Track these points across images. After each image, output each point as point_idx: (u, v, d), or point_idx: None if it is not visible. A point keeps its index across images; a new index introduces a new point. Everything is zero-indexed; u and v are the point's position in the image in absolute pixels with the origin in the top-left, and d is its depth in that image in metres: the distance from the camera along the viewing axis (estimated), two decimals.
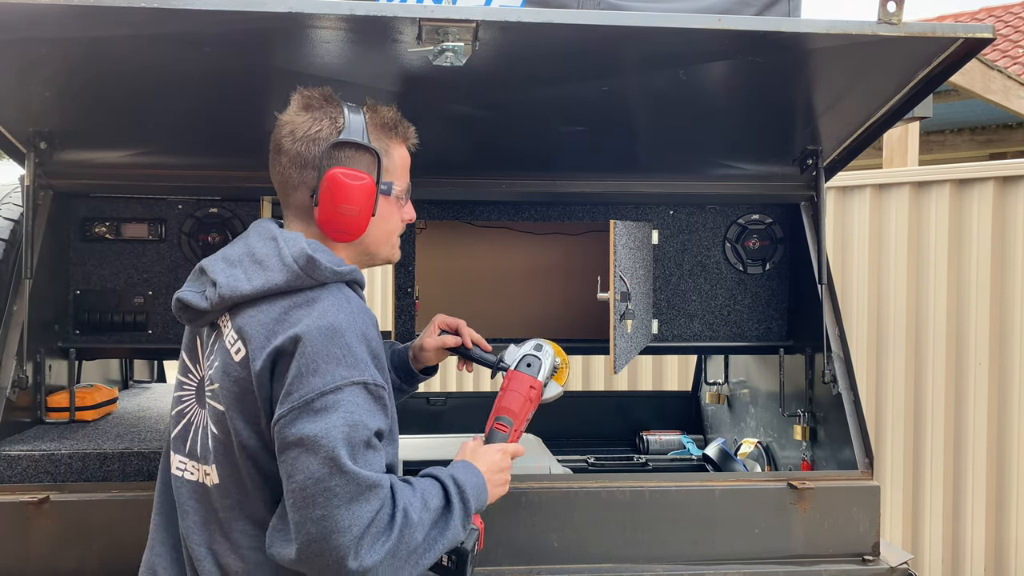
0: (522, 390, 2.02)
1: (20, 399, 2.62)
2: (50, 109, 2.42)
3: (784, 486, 2.47)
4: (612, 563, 2.40)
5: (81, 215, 2.90)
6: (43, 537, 2.30)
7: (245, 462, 1.64)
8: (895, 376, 4.75)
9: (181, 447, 1.76)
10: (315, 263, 1.65)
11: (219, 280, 1.66)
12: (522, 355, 2.08)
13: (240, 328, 1.64)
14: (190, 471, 1.73)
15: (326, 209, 1.72)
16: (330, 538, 1.51)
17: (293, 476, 1.54)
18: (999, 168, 4.51)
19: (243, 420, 1.63)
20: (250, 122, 2.59)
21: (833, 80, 2.41)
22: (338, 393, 1.56)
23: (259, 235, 1.73)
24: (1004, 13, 11.19)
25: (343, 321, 1.61)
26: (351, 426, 1.55)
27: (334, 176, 1.71)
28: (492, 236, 3.23)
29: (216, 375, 1.67)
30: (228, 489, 1.67)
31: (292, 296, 1.64)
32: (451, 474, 1.74)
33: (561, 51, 2.13)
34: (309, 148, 1.73)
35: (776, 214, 3.12)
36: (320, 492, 1.52)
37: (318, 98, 1.77)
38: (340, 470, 1.52)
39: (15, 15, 1.84)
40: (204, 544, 1.68)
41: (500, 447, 1.90)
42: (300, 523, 1.53)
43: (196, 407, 1.75)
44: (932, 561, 4.64)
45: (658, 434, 3.71)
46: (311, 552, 1.53)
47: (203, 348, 1.76)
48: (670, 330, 3.12)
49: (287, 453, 1.55)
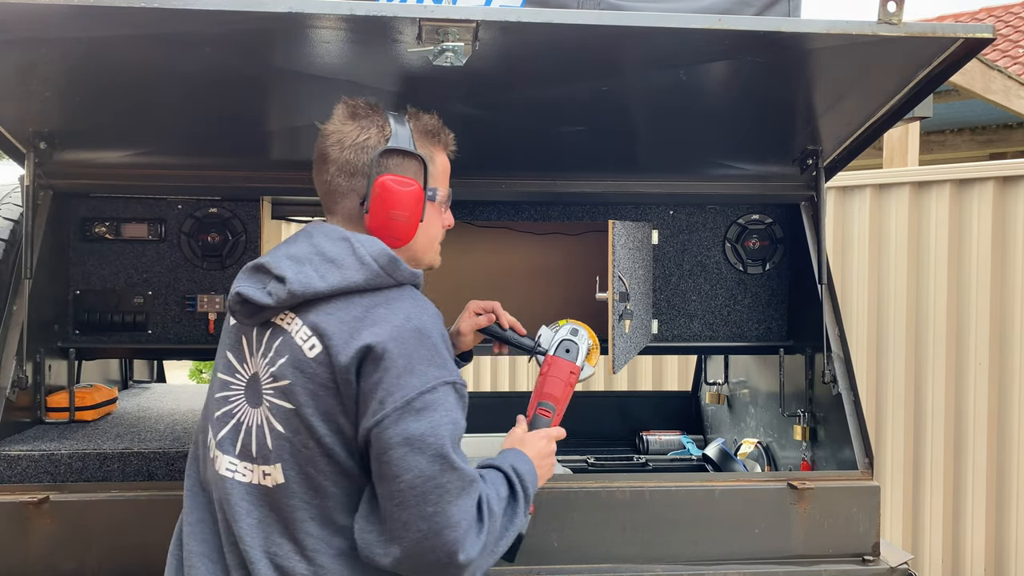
0: (562, 376, 2.07)
1: (20, 399, 2.62)
2: (50, 109, 2.42)
3: (784, 486, 2.47)
4: (612, 563, 2.40)
5: (81, 215, 2.90)
6: (43, 537, 2.30)
7: (319, 460, 1.63)
8: (895, 376, 4.75)
9: (231, 448, 1.71)
10: (397, 263, 1.69)
11: (288, 276, 1.65)
12: (559, 340, 2.12)
13: (316, 325, 1.63)
14: (242, 472, 1.69)
15: (377, 215, 1.75)
16: (442, 533, 1.54)
17: (400, 476, 1.55)
18: (999, 168, 4.52)
19: (320, 417, 1.62)
20: (250, 122, 2.60)
21: (833, 80, 2.41)
22: (434, 393, 1.60)
23: (326, 235, 1.72)
24: (1004, 13, 11.19)
25: (428, 323, 1.66)
26: (452, 424, 1.60)
27: (385, 183, 1.74)
28: (492, 236, 3.23)
29: (283, 372, 1.65)
30: (294, 489, 1.64)
31: (370, 295, 1.66)
32: (511, 464, 1.77)
33: (561, 51, 2.13)
34: (358, 156, 1.75)
35: (776, 214, 3.12)
36: (432, 489, 1.55)
37: (364, 107, 1.80)
38: (451, 466, 1.56)
39: (15, 15, 1.84)
40: (260, 547, 1.64)
41: (545, 433, 1.96)
42: (408, 521, 1.55)
43: (247, 406, 1.72)
44: (932, 561, 4.64)
45: (658, 434, 3.71)
46: (421, 549, 1.55)
47: (253, 346, 1.73)
48: (670, 330, 3.12)
49: (391, 453, 1.56)
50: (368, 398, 1.60)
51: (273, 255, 1.73)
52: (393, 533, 1.57)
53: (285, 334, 1.67)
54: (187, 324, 2.95)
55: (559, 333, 2.13)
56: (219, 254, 2.96)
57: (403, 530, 1.56)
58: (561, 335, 2.13)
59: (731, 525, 2.44)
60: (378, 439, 1.58)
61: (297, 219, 3.31)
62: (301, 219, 3.37)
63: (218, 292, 2.95)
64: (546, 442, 1.94)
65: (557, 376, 2.07)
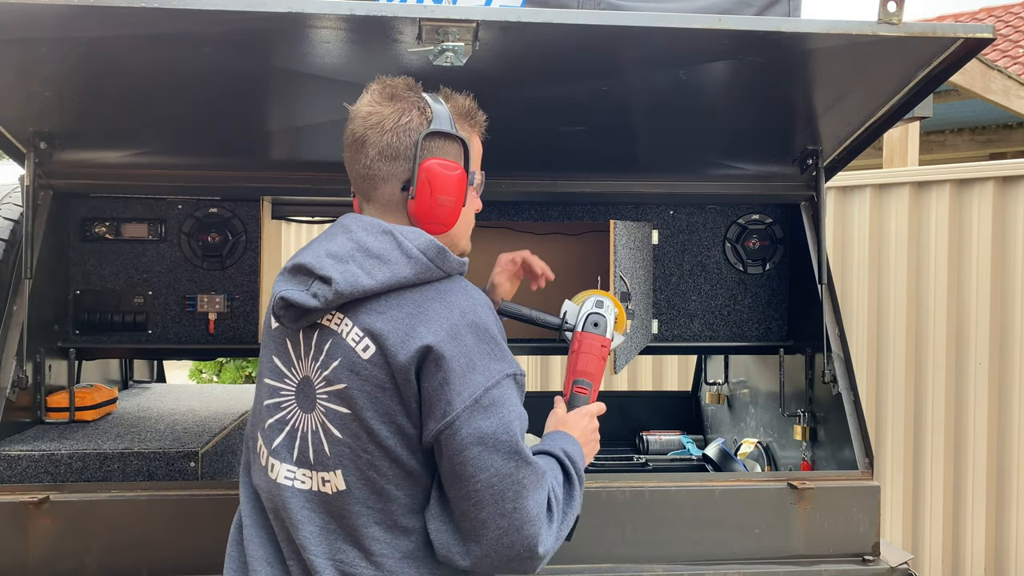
0: (594, 351, 2.05)
1: (20, 399, 2.62)
2: (50, 109, 2.42)
3: (784, 486, 2.47)
4: (612, 563, 2.40)
5: (81, 215, 2.90)
6: (43, 537, 2.30)
7: (381, 464, 1.59)
8: (895, 376, 4.75)
9: (288, 456, 1.66)
10: (446, 254, 1.63)
11: (334, 277, 1.58)
12: (586, 315, 2.09)
13: (368, 326, 1.58)
14: (301, 480, 1.64)
15: (424, 201, 1.67)
16: (522, 529, 1.54)
17: (476, 475, 1.54)
18: (999, 168, 4.51)
19: (380, 420, 1.58)
20: (250, 122, 2.60)
21: (833, 80, 2.41)
22: (499, 388, 1.57)
23: (366, 229, 1.64)
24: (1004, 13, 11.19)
25: (483, 315, 1.62)
26: (519, 418, 1.59)
27: (431, 167, 1.66)
28: (492, 236, 3.23)
29: (337, 376, 1.59)
30: (356, 495, 1.60)
31: (420, 289, 1.61)
32: (562, 448, 1.75)
33: (561, 51, 2.13)
34: (401, 139, 1.67)
35: (776, 214, 3.12)
36: (510, 486, 1.54)
37: (402, 87, 1.72)
38: (525, 462, 1.56)
39: (15, 15, 1.84)
40: (325, 555, 1.60)
41: (586, 411, 1.93)
42: (487, 520, 1.54)
43: (299, 412, 1.66)
44: (932, 561, 4.64)
45: (658, 434, 3.71)
46: (500, 546, 1.55)
47: (301, 349, 1.66)
48: (670, 330, 3.12)
49: (465, 454, 1.54)
50: (433, 400, 1.56)
51: (313, 253, 1.65)
52: (471, 532, 1.56)
53: (335, 335, 1.61)
54: (187, 324, 2.96)
55: (584, 307, 2.10)
56: (219, 254, 2.96)
57: (482, 528, 1.55)
58: (587, 309, 2.09)
59: (731, 525, 2.44)
60: (450, 441, 1.55)
61: (297, 219, 3.31)
62: (301, 219, 3.37)
63: (218, 292, 2.96)
64: (588, 419, 1.91)
65: (589, 352, 2.05)
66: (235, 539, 1.77)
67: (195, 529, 2.32)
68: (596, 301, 2.10)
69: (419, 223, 1.69)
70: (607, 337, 2.07)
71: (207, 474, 2.68)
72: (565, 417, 1.90)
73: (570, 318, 2.11)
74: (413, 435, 1.59)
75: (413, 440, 1.59)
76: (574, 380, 2.01)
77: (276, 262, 3.18)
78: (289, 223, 3.58)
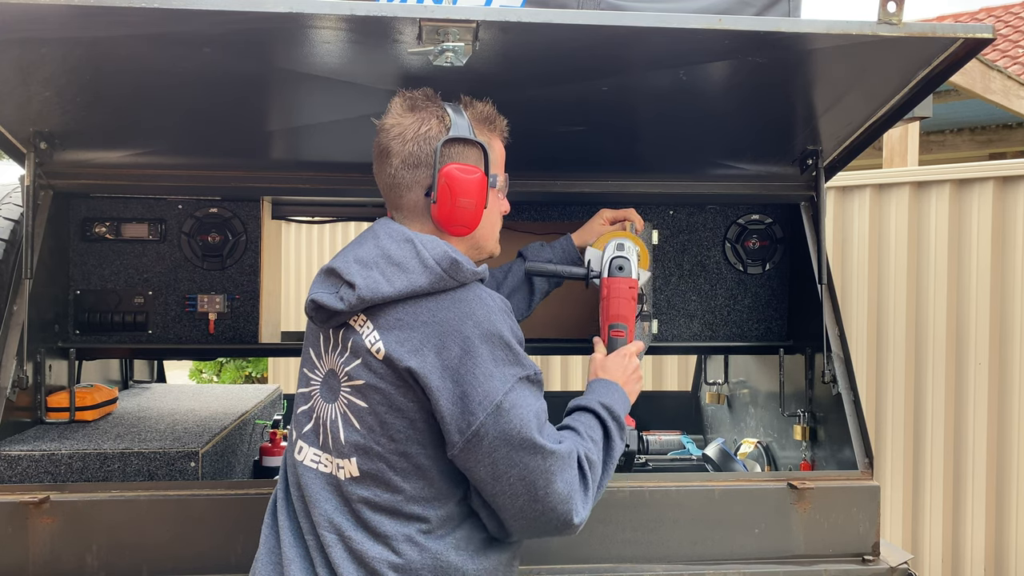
0: (623, 294, 2.12)
1: (20, 399, 2.62)
2: (50, 109, 2.42)
3: (784, 486, 2.47)
4: (612, 563, 2.40)
5: (81, 215, 2.90)
6: (43, 537, 2.30)
7: (392, 457, 1.70)
8: (895, 376, 4.75)
9: (315, 441, 1.80)
10: (459, 265, 1.72)
11: (357, 282, 1.70)
12: (610, 259, 2.15)
13: (385, 329, 1.69)
14: (324, 464, 1.77)
15: (445, 205, 1.78)
16: (556, 508, 1.69)
17: (507, 472, 1.66)
18: (999, 168, 4.51)
19: (393, 416, 1.69)
20: (250, 122, 2.60)
21: (833, 80, 2.41)
22: (515, 390, 1.68)
23: (391, 237, 1.76)
24: (1004, 13, 11.20)
25: (496, 322, 1.70)
26: (536, 414, 1.70)
27: (450, 172, 1.78)
28: None
29: (357, 372, 1.72)
30: (367, 483, 1.72)
31: (435, 298, 1.70)
32: (599, 401, 1.88)
33: (561, 51, 2.13)
34: (421, 148, 1.79)
35: (776, 214, 3.12)
36: (538, 477, 1.66)
37: (421, 98, 1.83)
38: (548, 452, 1.67)
39: (15, 15, 1.84)
40: (335, 533, 1.72)
41: (625, 351, 2.06)
42: (523, 507, 1.68)
43: (322, 402, 1.79)
44: (932, 561, 4.64)
45: (658, 434, 3.70)
46: (538, 524, 1.71)
47: (330, 344, 1.79)
48: (670, 330, 3.12)
49: (493, 456, 1.66)
50: (455, 409, 1.66)
51: (343, 258, 1.78)
52: (510, 519, 1.71)
53: (356, 335, 1.73)
54: (187, 324, 2.96)
55: (607, 252, 2.15)
56: (219, 254, 2.96)
57: (519, 513, 1.70)
58: (609, 254, 2.15)
59: (731, 525, 2.44)
60: (478, 447, 1.66)
61: (297, 219, 3.31)
62: (301, 219, 3.38)
63: (218, 292, 2.96)
64: (628, 359, 2.03)
65: (619, 296, 2.10)
66: (271, 512, 1.89)
67: (195, 529, 2.32)
68: (617, 244, 2.16)
69: (443, 226, 1.81)
70: (633, 278, 2.12)
71: (207, 474, 2.68)
72: (604, 361, 2.03)
73: (594, 265, 2.16)
74: (425, 432, 1.70)
75: (425, 437, 1.70)
76: (609, 325, 2.08)
77: (276, 262, 3.19)
78: (289, 223, 3.58)
